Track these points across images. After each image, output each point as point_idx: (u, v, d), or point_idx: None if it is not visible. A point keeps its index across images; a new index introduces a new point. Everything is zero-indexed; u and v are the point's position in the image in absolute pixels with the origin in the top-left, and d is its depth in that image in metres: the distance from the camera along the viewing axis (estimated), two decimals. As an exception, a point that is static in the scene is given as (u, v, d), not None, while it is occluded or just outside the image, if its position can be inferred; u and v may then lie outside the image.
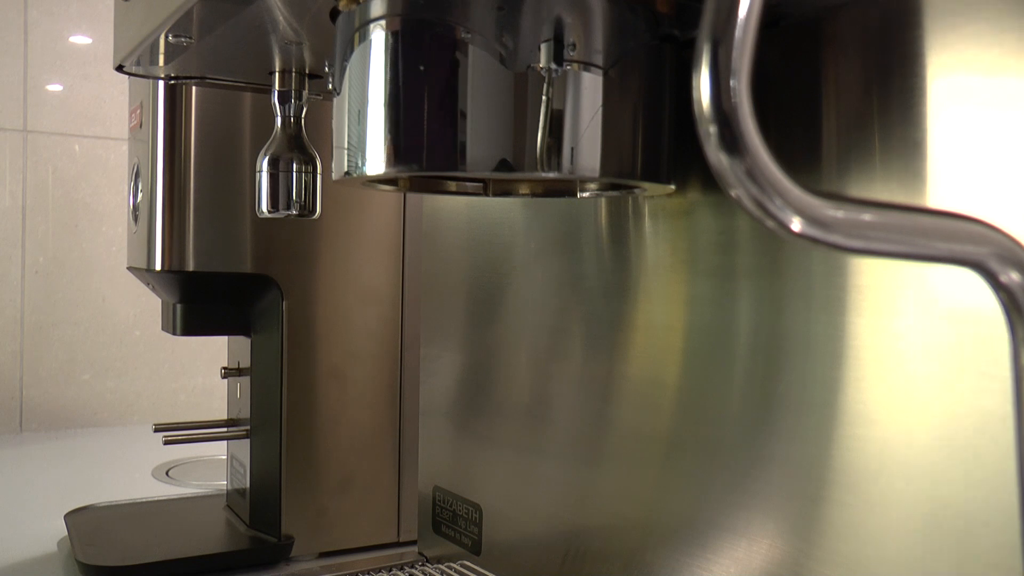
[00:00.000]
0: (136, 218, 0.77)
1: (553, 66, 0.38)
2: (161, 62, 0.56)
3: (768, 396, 0.45)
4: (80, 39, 1.37)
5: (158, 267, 0.74)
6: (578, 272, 0.57)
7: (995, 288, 0.27)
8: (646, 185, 0.44)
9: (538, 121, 0.38)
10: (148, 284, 0.80)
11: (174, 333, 0.78)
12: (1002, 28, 0.35)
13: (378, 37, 0.40)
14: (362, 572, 0.64)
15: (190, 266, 0.73)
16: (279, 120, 0.58)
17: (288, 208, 0.58)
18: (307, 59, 0.55)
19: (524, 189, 0.52)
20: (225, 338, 0.88)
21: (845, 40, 0.41)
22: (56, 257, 1.35)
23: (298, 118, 0.58)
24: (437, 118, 0.39)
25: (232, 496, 0.86)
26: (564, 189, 0.51)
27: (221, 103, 0.74)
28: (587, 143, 0.39)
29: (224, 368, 0.86)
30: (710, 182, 0.47)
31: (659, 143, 0.42)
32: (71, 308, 1.36)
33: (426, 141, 0.39)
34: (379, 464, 0.80)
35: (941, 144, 0.37)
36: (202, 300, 0.78)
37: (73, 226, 1.36)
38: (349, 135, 0.41)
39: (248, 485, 0.81)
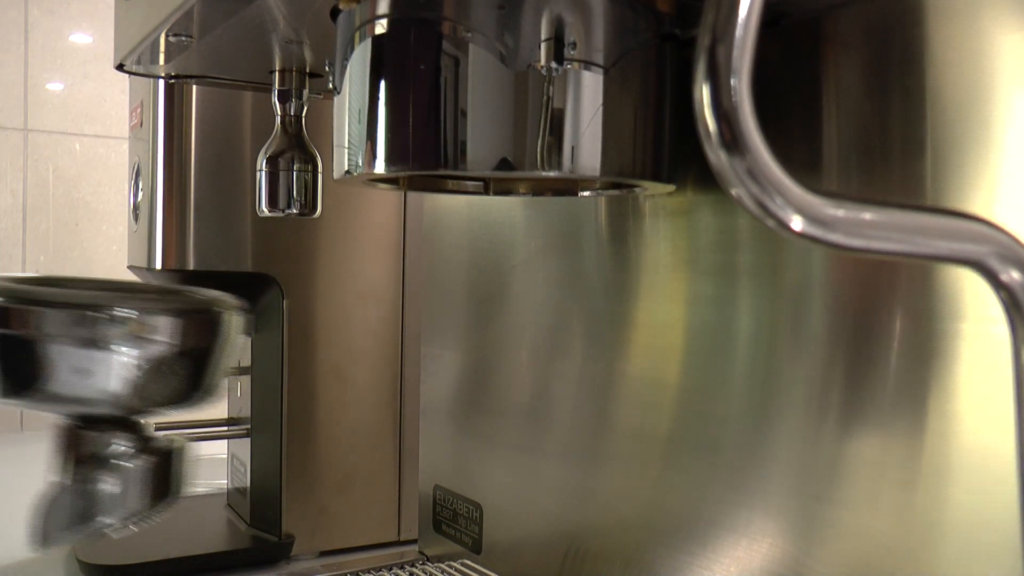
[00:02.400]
0: (137, 217, 0.77)
1: (554, 65, 0.38)
2: (161, 61, 0.56)
3: (768, 396, 0.45)
4: (81, 38, 1.37)
5: (159, 266, 0.74)
6: (578, 271, 0.57)
7: (995, 287, 0.27)
8: (647, 184, 0.44)
9: (539, 120, 0.38)
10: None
11: (175, 332, 0.78)
12: (1002, 26, 0.35)
13: (378, 36, 0.40)
14: (363, 571, 0.64)
15: (191, 265, 0.73)
16: (279, 119, 0.58)
17: (288, 207, 0.58)
18: (307, 58, 0.55)
19: (524, 188, 0.52)
20: (226, 337, 0.88)
21: (846, 39, 0.41)
22: (57, 256, 1.35)
23: (298, 117, 0.58)
24: (437, 117, 0.39)
25: (233, 495, 0.86)
26: (564, 188, 0.51)
27: (221, 102, 0.74)
28: (587, 142, 0.39)
29: (224, 367, 0.86)
30: (710, 181, 0.47)
31: (660, 142, 0.42)
32: (72, 307, 1.36)
33: (427, 140, 0.39)
34: (380, 463, 0.80)
35: (941, 143, 0.37)
36: (203, 299, 0.78)
37: (74, 225, 1.36)
38: (350, 134, 0.41)
39: (248, 484, 0.81)
